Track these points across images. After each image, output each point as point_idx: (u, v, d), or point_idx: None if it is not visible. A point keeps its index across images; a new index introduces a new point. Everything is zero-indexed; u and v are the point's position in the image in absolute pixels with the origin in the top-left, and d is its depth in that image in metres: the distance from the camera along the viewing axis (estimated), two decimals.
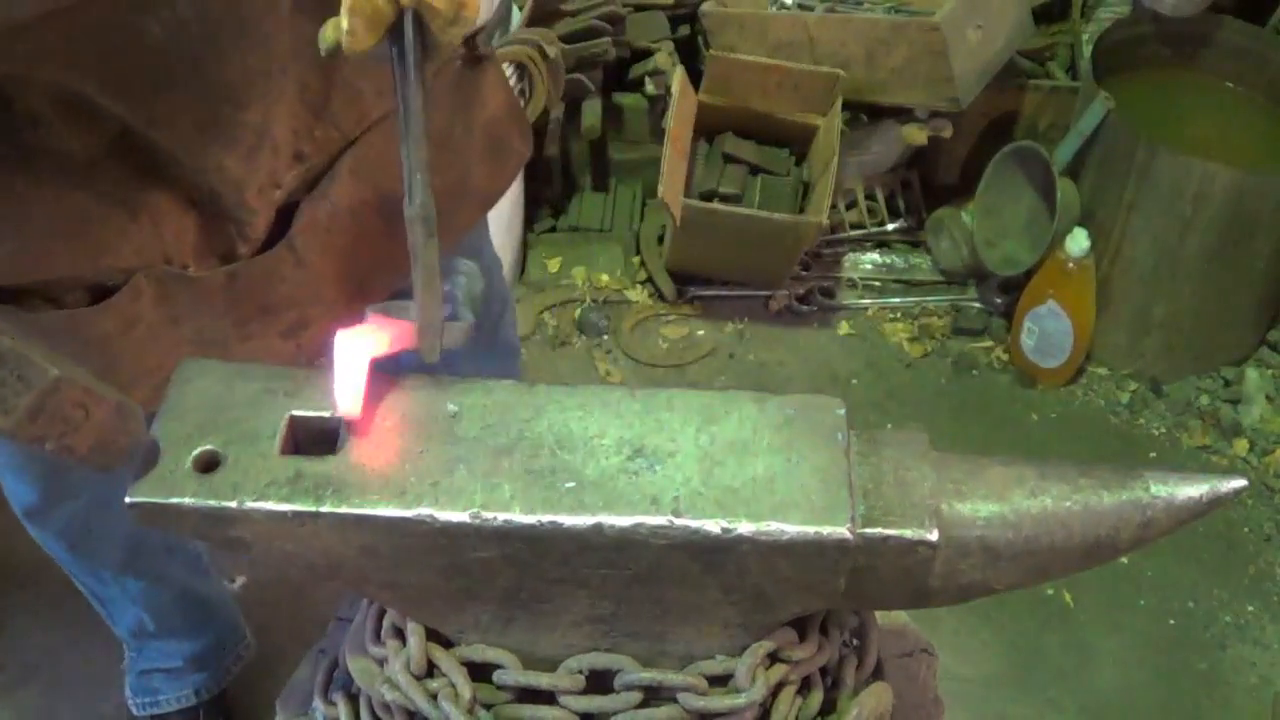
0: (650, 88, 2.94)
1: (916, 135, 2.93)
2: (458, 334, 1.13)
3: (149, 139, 1.21)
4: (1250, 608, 2.42)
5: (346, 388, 1.06)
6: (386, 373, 1.10)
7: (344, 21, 1.03)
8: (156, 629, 1.93)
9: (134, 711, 2.08)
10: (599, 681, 1.13)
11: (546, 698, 1.13)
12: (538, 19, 2.79)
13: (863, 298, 2.99)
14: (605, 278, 3.00)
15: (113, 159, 1.22)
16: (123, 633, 1.97)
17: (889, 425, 2.63)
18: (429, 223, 1.07)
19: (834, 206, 2.99)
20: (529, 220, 3.12)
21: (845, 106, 2.86)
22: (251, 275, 1.33)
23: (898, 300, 2.98)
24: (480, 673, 1.13)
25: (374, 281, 1.44)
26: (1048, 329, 2.72)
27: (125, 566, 1.81)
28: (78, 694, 2.21)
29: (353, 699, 1.24)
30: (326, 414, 1.09)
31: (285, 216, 1.36)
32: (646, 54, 2.98)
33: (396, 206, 1.36)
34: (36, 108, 1.16)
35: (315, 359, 1.41)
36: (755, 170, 2.94)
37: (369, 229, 1.42)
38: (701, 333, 2.90)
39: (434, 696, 1.12)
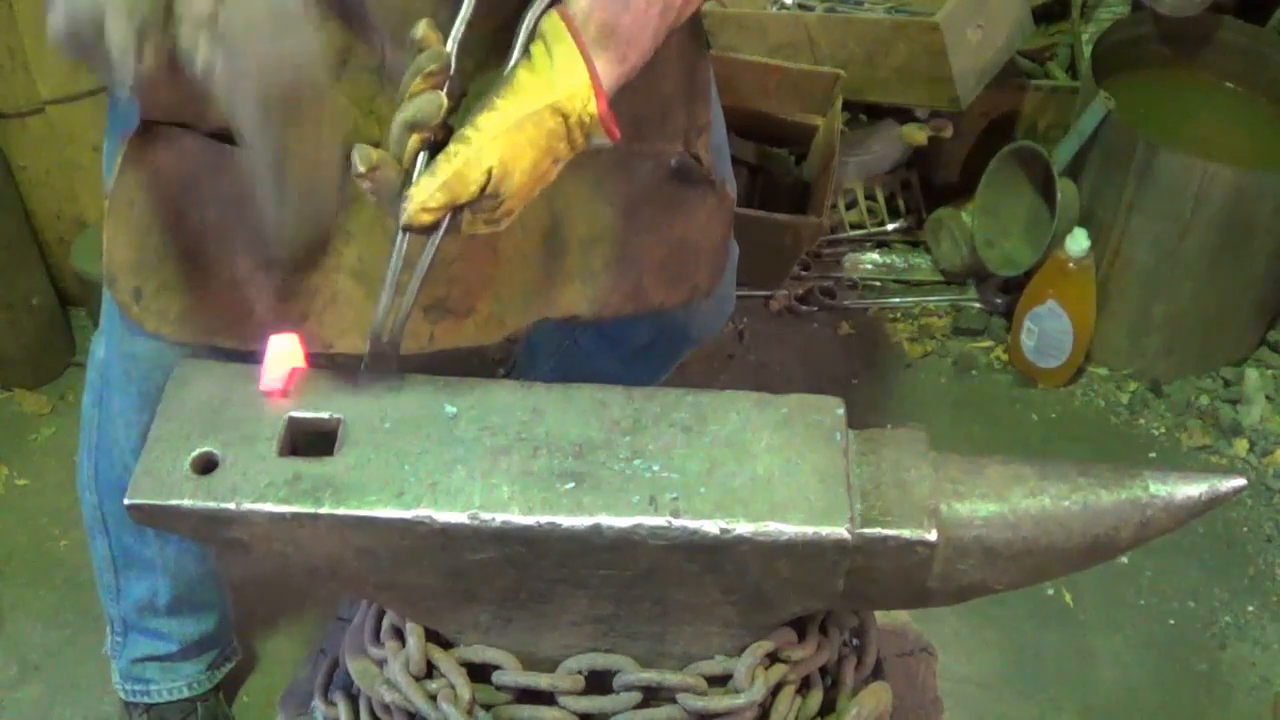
0: None
1: (916, 135, 2.93)
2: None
3: None
4: (1250, 608, 2.42)
5: (273, 368, 1.12)
6: None
7: (423, 195, 1.06)
8: (169, 603, 1.92)
9: (123, 697, 2.08)
10: (598, 682, 1.13)
11: (546, 698, 1.13)
12: None
13: (863, 298, 2.98)
14: None
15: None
16: (125, 608, 1.96)
17: (889, 425, 2.62)
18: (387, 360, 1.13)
19: (834, 206, 2.99)
20: None
21: (845, 106, 2.86)
22: None
23: (898, 300, 2.98)
24: (479, 673, 1.13)
25: (515, 305, 1.43)
26: (1048, 329, 2.72)
27: None
28: (78, 694, 2.21)
29: (353, 699, 1.24)
30: (325, 415, 1.09)
31: None
32: None
33: (559, 242, 1.42)
34: None
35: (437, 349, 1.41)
36: (755, 170, 2.94)
37: (528, 250, 1.42)
38: None
39: (433, 697, 1.12)
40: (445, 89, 1.08)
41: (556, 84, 1.11)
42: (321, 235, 1.09)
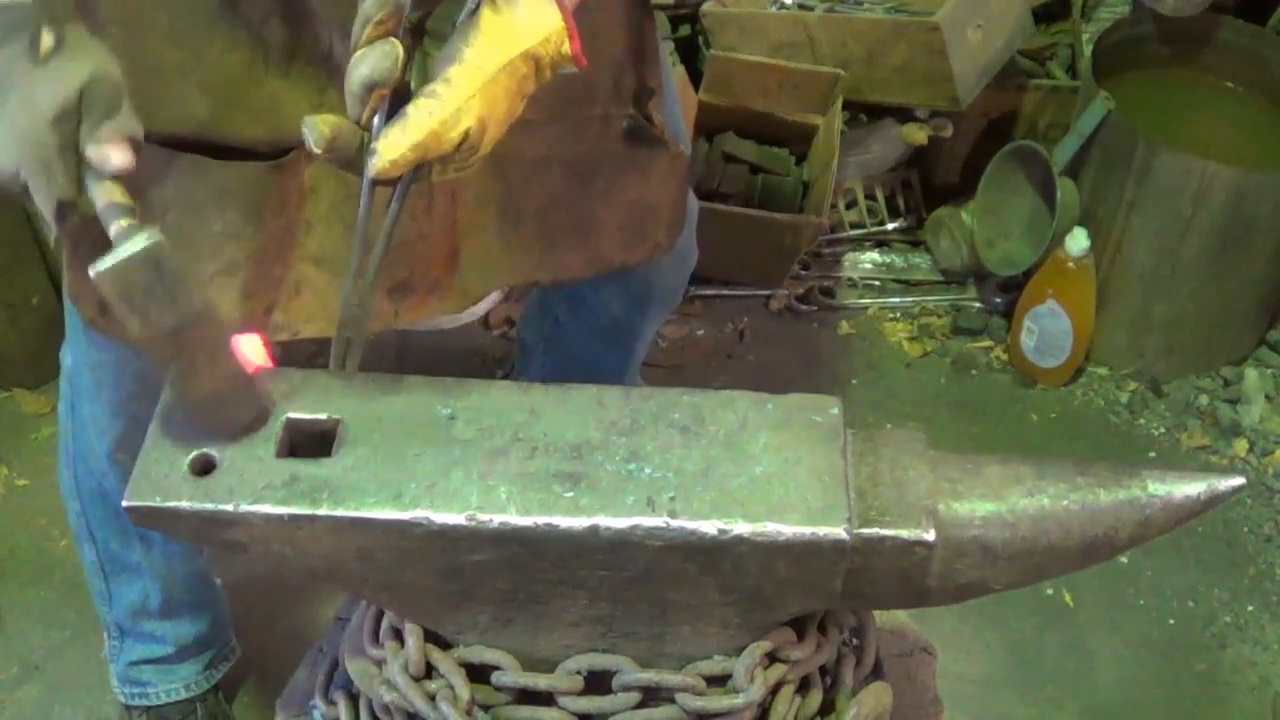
0: None
1: (916, 135, 2.93)
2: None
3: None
4: (1250, 608, 2.42)
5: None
6: None
7: (393, 153, 1.00)
8: (161, 606, 1.93)
9: (123, 700, 2.09)
10: (597, 682, 1.13)
11: (545, 699, 1.13)
12: None
13: (863, 298, 2.98)
14: None
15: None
16: (119, 613, 1.96)
17: (888, 425, 2.63)
18: (357, 328, 1.10)
19: (834, 206, 2.99)
20: None
21: (845, 106, 2.86)
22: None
23: (898, 300, 2.98)
24: (479, 674, 1.13)
25: (475, 276, 1.45)
26: (1047, 329, 2.72)
27: None
28: (78, 694, 2.21)
29: (353, 699, 1.24)
30: (323, 416, 1.09)
31: None
32: None
33: (515, 212, 1.42)
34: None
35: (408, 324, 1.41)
36: (755, 170, 2.94)
37: (485, 222, 1.42)
38: (701, 333, 2.89)
39: (432, 698, 1.12)
40: (400, 33, 1.01)
41: (527, 27, 1.03)
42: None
